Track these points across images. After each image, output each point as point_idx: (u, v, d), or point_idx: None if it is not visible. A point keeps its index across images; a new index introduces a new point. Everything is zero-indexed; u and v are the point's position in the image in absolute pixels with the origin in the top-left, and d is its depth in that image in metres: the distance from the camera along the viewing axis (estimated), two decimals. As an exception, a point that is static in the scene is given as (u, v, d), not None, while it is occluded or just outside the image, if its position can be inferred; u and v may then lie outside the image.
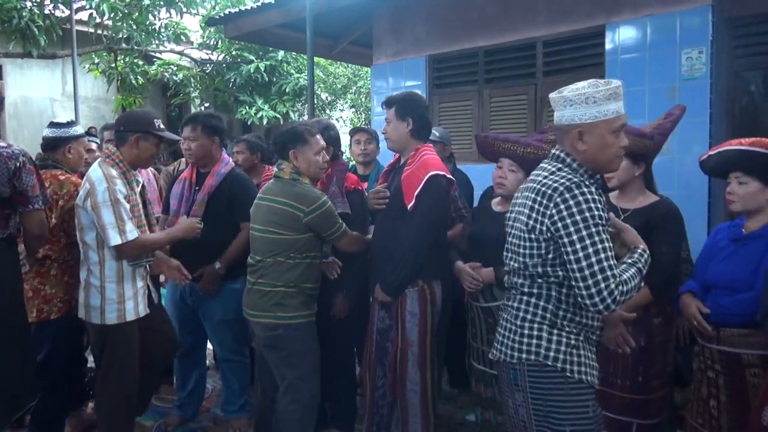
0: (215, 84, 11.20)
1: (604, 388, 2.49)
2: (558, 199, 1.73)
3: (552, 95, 1.89)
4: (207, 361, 4.04)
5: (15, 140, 11.14)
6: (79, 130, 3.13)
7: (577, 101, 1.78)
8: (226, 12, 6.66)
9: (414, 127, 2.78)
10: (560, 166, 1.83)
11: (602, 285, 1.68)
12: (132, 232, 2.61)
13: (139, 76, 10.10)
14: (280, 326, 2.66)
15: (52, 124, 3.08)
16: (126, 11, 9.03)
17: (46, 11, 8.84)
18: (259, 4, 6.01)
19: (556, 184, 1.76)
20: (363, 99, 12.52)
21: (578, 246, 1.70)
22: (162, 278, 3.48)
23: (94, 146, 4.05)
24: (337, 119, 13.06)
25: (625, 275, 1.74)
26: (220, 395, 3.81)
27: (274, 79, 10.98)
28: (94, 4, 8.70)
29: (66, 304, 2.93)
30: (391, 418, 2.88)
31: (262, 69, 10.56)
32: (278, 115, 10.83)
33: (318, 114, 11.71)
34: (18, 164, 2.48)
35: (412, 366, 2.75)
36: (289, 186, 2.69)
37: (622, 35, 4.19)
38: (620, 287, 1.70)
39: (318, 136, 2.76)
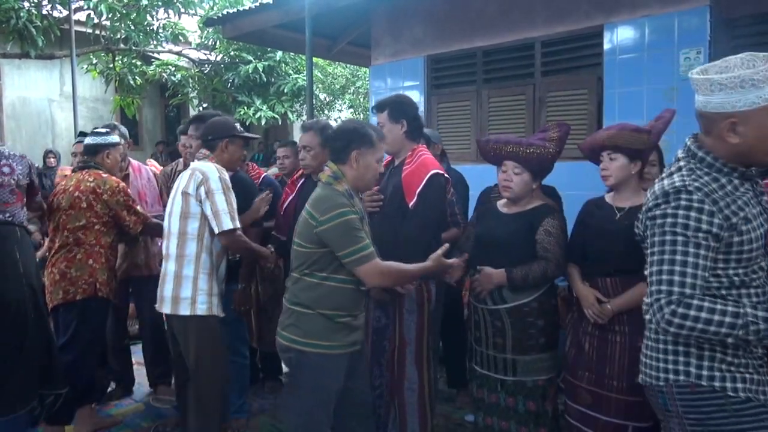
0: (213, 84, 11.19)
1: (599, 390, 2.48)
2: (658, 202, 1.60)
3: (694, 75, 1.63)
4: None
5: (13, 141, 11.13)
6: (116, 137, 3.43)
7: (730, 85, 1.53)
8: (225, 12, 6.66)
9: (408, 129, 2.81)
10: (682, 165, 1.65)
11: (657, 296, 1.56)
12: (238, 222, 2.75)
13: (137, 77, 10.09)
14: (292, 350, 2.33)
15: (93, 133, 3.43)
16: (124, 11, 9.02)
17: (44, 12, 8.84)
18: (258, 4, 6.01)
19: (664, 188, 1.61)
20: (361, 99, 12.52)
21: (655, 249, 1.59)
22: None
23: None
24: (335, 120, 13.06)
25: (705, 305, 1.51)
26: (218, 396, 3.81)
27: (273, 79, 10.98)
28: (92, 5, 8.68)
29: (90, 287, 3.13)
30: (388, 418, 2.88)
31: (261, 69, 10.56)
32: (276, 116, 10.82)
33: (317, 114, 11.71)
34: (29, 162, 2.97)
35: (409, 364, 2.75)
36: (319, 190, 2.35)
37: (620, 35, 4.20)
38: (682, 309, 1.52)
39: (382, 144, 2.44)
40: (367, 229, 2.33)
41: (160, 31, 10.02)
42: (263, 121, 10.80)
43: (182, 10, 9.54)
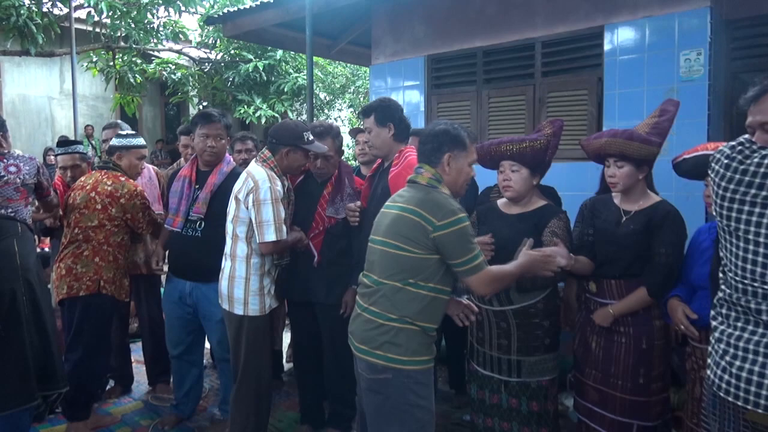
0: (214, 83, 11.20)
1: (605, 389, 2.50)
2: None
3: None
4: (204, 361, 4.05)
5: (13, 139, 11.10)
6: (133, 141, 3.45)
7: None
8: (225, 11, 6.66)
9: (396, 131, 2.85)
10: None
11: None
12: (284, 232, 2.78)
13: (137, 75, 10.10)
14: (390, 370, 2.12)
15: (118, 135, 3.49)
16: (124, 9, 9.02)
17: (45, 9, 8.84)
18: (258, 3, 6.00)
19: None
20: (361, 99, 12.53)
21: None
22: (163, 279, 3.48)
23: (77, 160, 3.87)
24: (335, 119, 13.07)
25: None
26: (217, 395, 3.81)
27: (273, 78, 10.99)
28: (92, 3, 8.69)
29: (94, 284, 3.17)
30: None
31: (261, 68, 10.57)
32: (276, 114, 10.83)
33: (317, 113, 11.71)
34: (37, 164, 3.04)
35: None
36: (424, 192, 2.18)
37: (620, 36, 4.20)
38: None
39: (474, 147, 2.32)
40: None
41: (161, 29, 10.03)
42: (263, 120, 10.81)
43: (183, 8, 9.54)
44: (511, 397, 2.66)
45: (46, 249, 5.52)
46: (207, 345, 3.65)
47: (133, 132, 3.55)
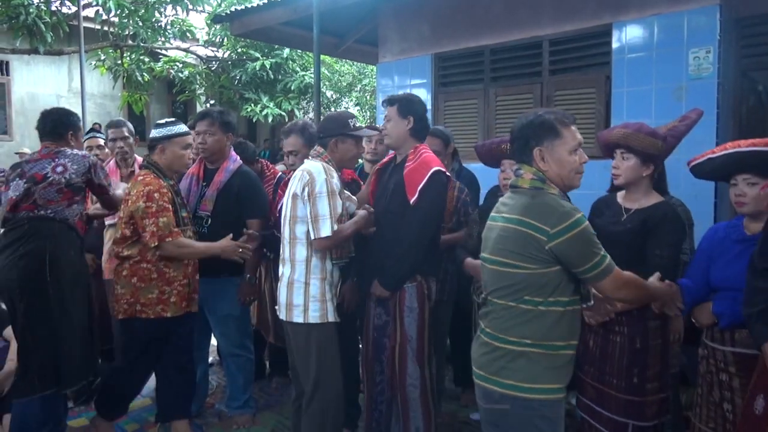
0: (221, 81, 11.23)
1: (602, 386, 2.49)
2: None
3: None
4: (211, 358, 4.06)
5: (21, 136, 11.19)
6: (174, 129, 3.05)
7: None
8: (232, 9, 6.68)
9: (414, 126, 2.83)
10: None
11: None
12: (335, 226, 2.60)
13: (145, 73, 10.13)
14: (508, 399, 1.87)
15: (156, 125, 3.10)
16: (132, 8, 9.06)
17: (53, 8, 8.89)
18: (265, 1, 6.01)
19: None
20: (368, 97, 12.52)
21: None
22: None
23: (101, 142, 4.07)
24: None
25: None
26: (224, 391, 3.83)
27: (280, 76, 11.00)
28: (100, 1, 8.73)
29: (131, 307, 2.91)
30: (390, 415, 2.88)
31: (268, 66, 10.58)
32: (283, 113, 10.84)
33: (323, 112, 11.71)
34: (89, 162, 2.99)
35: (411, 361, 2.76)
36: (529, 197, 1.91)
37: (628, 34, 4.18)
38: None
39: (574, 127, 1.97)
40: None
41: (168, 27, 10.06)
42: (270, 119, 10.82)
43: (190, 6, 9.58)
44: None
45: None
46: (213, 342, 3.67)
47: (173, 119, 3.16)
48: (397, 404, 2.84)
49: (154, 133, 3.05)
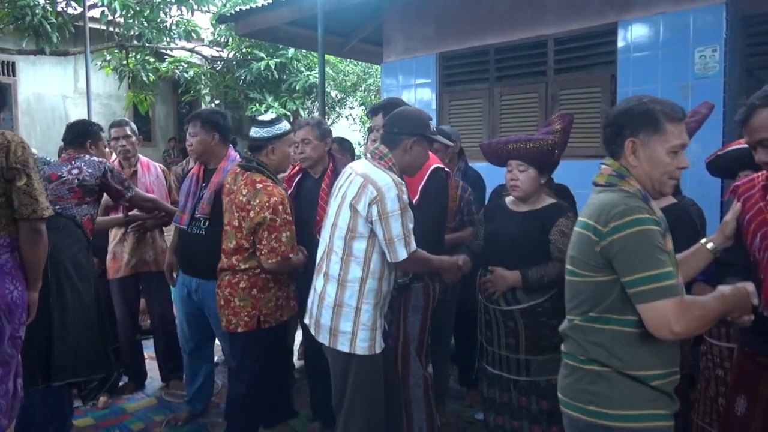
0: (225, 81, 11.25)
1: None
2: None
3: None
4: (216, 358, 4.07)
5: (27, 137, 11.23)
6: (283, 127, 2.87)
7: None
8: (237, 9, 6.69)
9: None
10: None
11: None
12: (413, 244, 2.32)
13: (150, 73, 10.16)
14: (595, 428, 1.62)
15: (256, 122, 2.92)
16: (137, 8, 9.08)
17: (59, 8, 8.93)
18: (270, 1, 6.02)
19: None
20: (373, 97, 12.51)
21: None
22: (174, 275, 3.49)
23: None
24: (346, 117, 13.07)
25: None
26: (229, 391, 3.83)
27: (284, 76, 11.01)
28: (106, 2, 8.75)
29: (253, 320, 2.81)
30: (392, 415, 2.88)
31: (273, 66, 10.60)
32: (288, 113, 10.85)
33: (328, 111, 11.73)
34: (105, 167, 3.15)
35: (414, 361, 2.77)
36: (597, 195, 1.69)
37: (634, 33, 4.16)
38: None
39: (682, 125, 1.67)
40: (669, 246, 1.62)
41: (173, 28, 10.10)
42: (275, 118, 10.83)
43: (195, 7, 9.60)
44: (521, 396, 2.65)
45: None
46: (218, 342, 3.67)
47: (273, 116, 2.92)
48: (399, 404, 2.83)
49: (261, 132, 2.82)
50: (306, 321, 2.56)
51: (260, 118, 2.90)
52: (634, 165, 1.66)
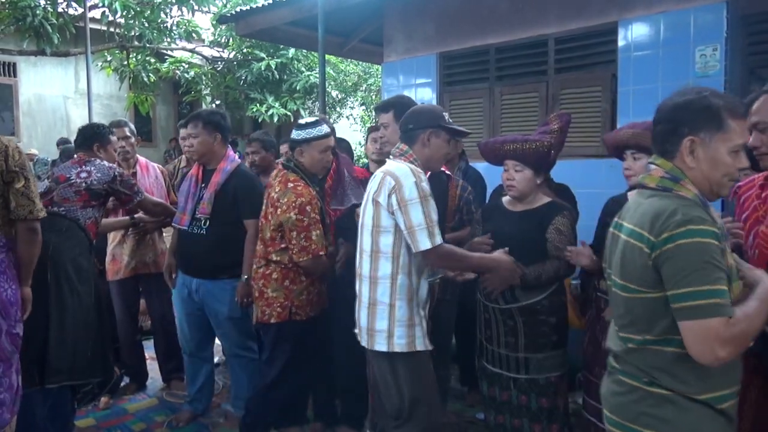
0: (226, 81, 11.26)
1: (594, 379, 2.50)
2: None
3: None
4: (216, 358, 4.08)
5: (29, 137, 11.25)
6: (313, 132, 2.87)
7: None
8: (238, 10, 6.69)
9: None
10: None
11: None
12: (438, 236, 2.23)
13: (151, 74, 10.16)
14: None
15: (298, 126, 2.96)
16: (138, 9, 9.09)
17: (60, 9, 8.93)
18: (271, 1, 6.02)
19: None
20: (373, 97, 12.51)
21: None
22: (173, 277, 3.49)
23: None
24: (347, 117, 13.07)
25: None
26: (230, 391, 3.83)
27: (285, 76, 11.02)
28: (106, 2, 8.77)
29: (285, 310, 2.87)
30: None
31: (273, 67, 10.60)
32: (289, 113, 10.86)
33: (329, 111, 11.72)
34: (114, 173, 3.14)
35: None
36: (648, 200, 1.52)
37: (634, 32, 4.16)
38: None
39: (745, 122, 1.52)
40: (730, 262, 1.45)
41: (174, 28, 10.11)
42: (275, 119, 10.84)
43: (196, 7, 9.61)
44: (521, 394, 2.66)
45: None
46: (218, 341, 3.67)
47: (314, 119, 2.93)
48: None
49: (294, 134, 2.91)
50: (356, 330, 2.49)
51: (300, 120, 2.96)
52: (691, 166, 1.49)
